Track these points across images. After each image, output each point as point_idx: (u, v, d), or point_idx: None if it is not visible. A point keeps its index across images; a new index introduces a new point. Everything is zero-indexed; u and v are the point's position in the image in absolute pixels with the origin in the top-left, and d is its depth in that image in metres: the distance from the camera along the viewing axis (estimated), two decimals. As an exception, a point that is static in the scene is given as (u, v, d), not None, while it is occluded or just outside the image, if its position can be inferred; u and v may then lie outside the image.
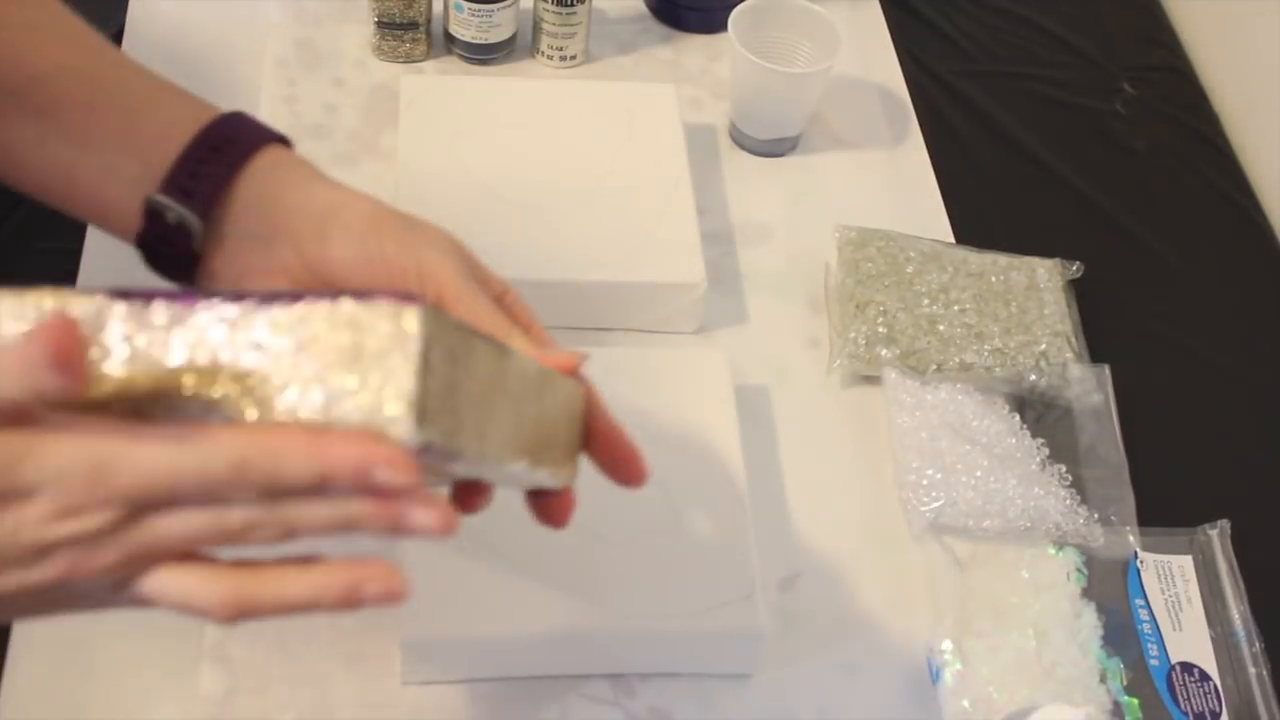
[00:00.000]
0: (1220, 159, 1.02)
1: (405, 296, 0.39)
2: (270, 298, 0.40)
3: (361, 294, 0.39)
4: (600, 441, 0.52)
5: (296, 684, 0.65)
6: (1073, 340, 0.83)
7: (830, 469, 0.78)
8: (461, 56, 0.97)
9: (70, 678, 0.64)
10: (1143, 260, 0.94)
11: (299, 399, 0.39)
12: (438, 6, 0.95)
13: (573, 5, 0.93)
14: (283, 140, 0.57)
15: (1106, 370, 0.82)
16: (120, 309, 0.40)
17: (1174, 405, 0.85)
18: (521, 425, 0.45)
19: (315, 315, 0.39)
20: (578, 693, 0.67)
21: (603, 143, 0.85)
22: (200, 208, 0.53)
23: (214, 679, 0.65)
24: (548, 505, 0.52)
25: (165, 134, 0.54)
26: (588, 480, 0.53)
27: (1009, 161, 0.99)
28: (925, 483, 0.75)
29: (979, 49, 1.07)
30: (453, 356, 0.40)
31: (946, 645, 0.69)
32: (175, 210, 0.53)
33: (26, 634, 0.65)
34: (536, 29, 0.96)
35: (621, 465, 0.53)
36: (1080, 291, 0.87)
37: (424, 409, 0.38)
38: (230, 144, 0.54)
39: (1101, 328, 0.86)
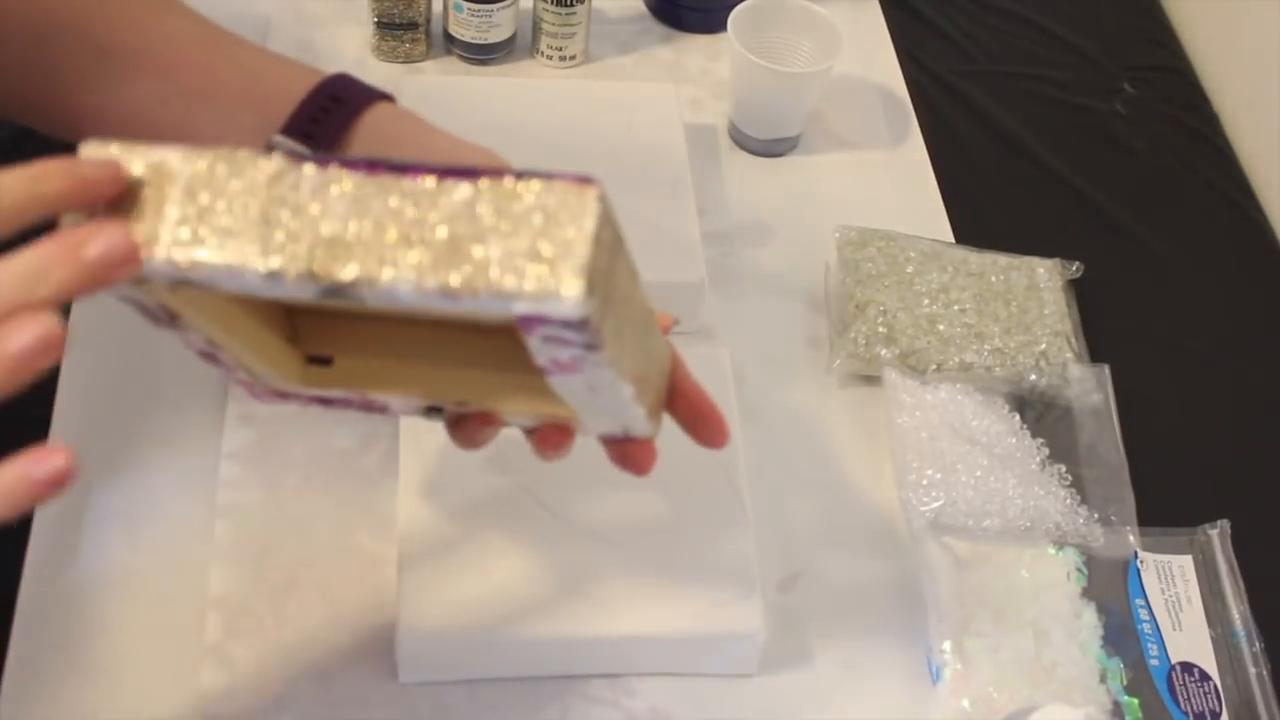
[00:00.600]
0: (1220, 159, 1.02)
1: (583, 179, 0.40)
2: (457, 171, 0.41)
3: (545, 174, 0.40)
4: (686, 400, 0.54)
5: (296, 684, 0.65)
6: (1073, 340, 0.83)
7: (830, 469, 0.78)
8: (461, 56, 0.97)
9: (70, 677, 0.64)
10: (1143, 260, 0.94)
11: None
12: (437, 6, 0.95)
13: (572, 5, 0.93)
14: (392, 99, 0.59)
15: (1106, 370, 0.82)
16: (310, 170, 0.41)
17: (1174, 405, 0.85)
18: (636, 351, 0.47)
19: (502, 187, 0.40)
20: (578, 693, 0.67)
21: (603, 143, 0.85)
22: (322, 147, 0.55)
23: (214, 679, 0.65)
24: (633, 452, 0.55)
25: (282, 89, 0.56)
26: (588, 480, 0.53)
27: (1009, 161, 0.99)
28: (925, 483, 0.75)
29: (979, 49, 1.07)
30: (611, 249, 0.41)
31: (946, 645, 0.69)
32: (297, 150, 0.55)
33: (27, 633, 0.65)
34: (536, 29, 0.96)
35: (704, 424, 0.55)
36: (1080, 291, 0.87)
37: (591, 282, 0.39)
38: (348, 94, 0.56)
39: (1101, 328, 0.86)
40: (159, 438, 0.73)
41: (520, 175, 0.40)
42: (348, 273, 0.40)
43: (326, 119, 0.56)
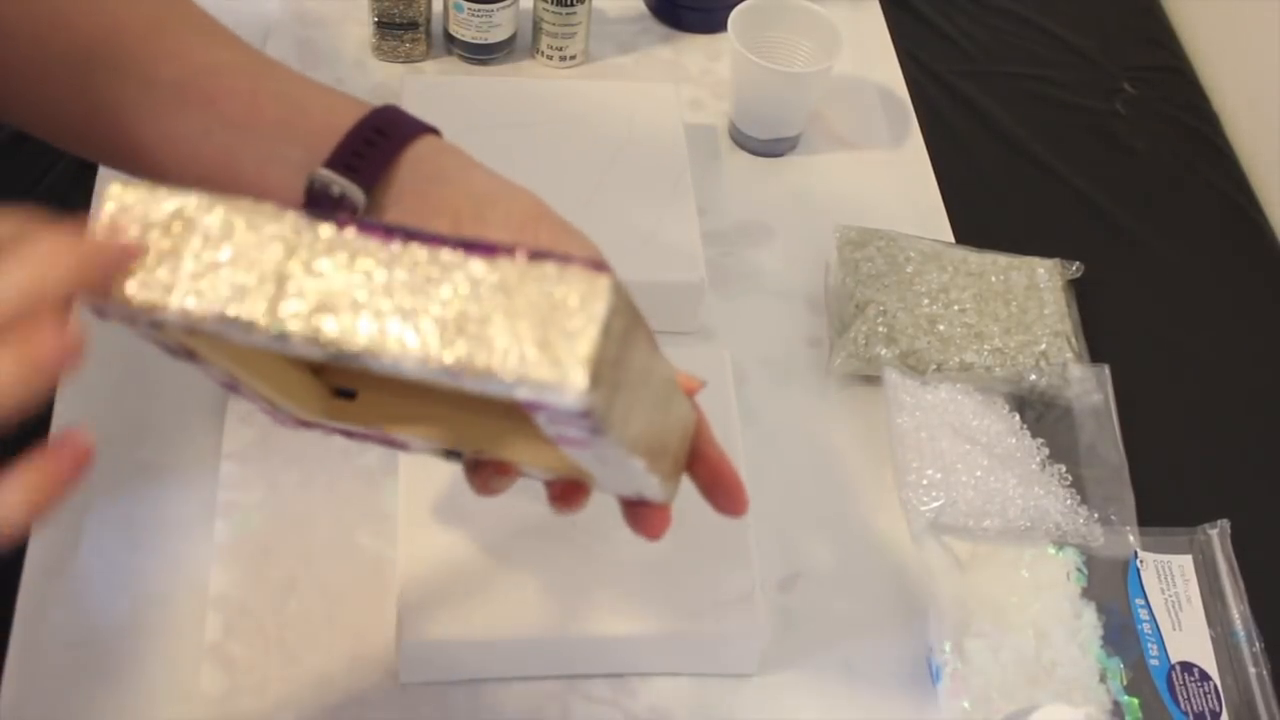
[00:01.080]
0: (1220, 159, 1.02)
1: (597, 265, 0.40)
2: (473, 245, 0.40)
3: (561, 257, 0.40)
4: (707, 466, 0.54)
5: (296, 684, 0.65)
6: (1073, 340, 0.83)
7: (830, 469, 0.78)
8: (461, 56, 0.97)
9: (71, 677, 0.64)
10: (1143, 260, 0.94)
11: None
12: (438, 6, 0.95)
13: (573, 5, 0.93)
14: (437, 133, 0.58)
15: (1106, 370, 0.82)
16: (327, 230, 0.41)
17: (1174, 405, 0.85)
18: (651, 425, 0.47)
19: (515, 267, 0.40)
20: (578, 693, 0.67)
21: (603, 143, 0.85)
22: (365, 181, 0.54)
23: (214, 679, 0.65)
24: (646, 516, 0.55)
25: (327, 122, 0.56)
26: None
27: (1009, 161, 0.99)
28: (925, 483, 0.75)
29: (979, 49, 1.07)
30: (624, 336, 0.41)
31: (946, 645, 0.69)
32: (339, 184, 0.54)
33: (28, 633, 0.65)
34: (536, 29, 0.96)
35: (723, 492, 0.55)
36: (1080, 291, 0.87)
37: (597, 374, 0.39)
38: (393, 128, 0.56)
39: (1101, 328, 0.86)
40: (159, 438, 0.73)
41: (536, 255, 0.40)
42: (352, 343, 0.40)
43: (370, 152, 0.55)
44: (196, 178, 0.57)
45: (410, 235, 0.41)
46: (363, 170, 0.55)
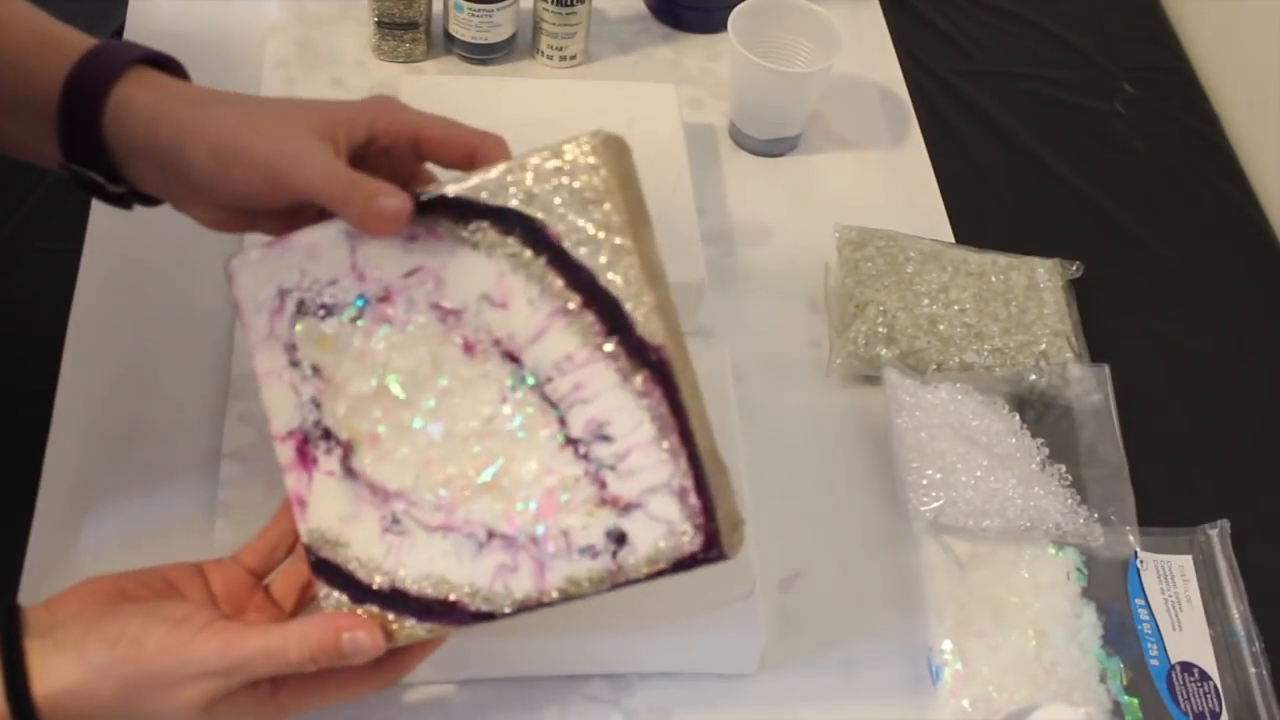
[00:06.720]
0: (1220, 159, 1.02)
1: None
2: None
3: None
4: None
5: (296, 684, 0.65)
6: (1073, 340, 0.83)
7: (830, 469, 0.78)
8: (461, 56, 0.97)
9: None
10: (1143, 260, 0.94)
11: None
12: (438, 6, 0.95)
13: (573, 5, 0.93)
14: (118, 68, 0.57)
15: (1106, 370, 0.82)
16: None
17: (1174, 405, 0.85)
18: None
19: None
20: (577, 693, 0.67)
21: (603, 143, 0.85)
22: (92, 162, 0.57)
23: (214, 679, 0.65)
24: None
25: (29, 82, 0.57)
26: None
27: (1009, 161, 0.99)
28: (925, 483, 0.75)
29: (979, 49, 1.07)
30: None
31: (946, 645, 0.69)
32: (85, 174, 0.57)
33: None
34: (536, 29, 0.96)
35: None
36: (1080, 291, 0.87)
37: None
38: (86, 92, 0.56)
39: (1101, 328, 0.86)
40: (159, 438, 0.73)
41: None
42: None
43: (79, 131, 0.56)
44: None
45: None
46: (85, 152, 0.56)
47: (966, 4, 1.10)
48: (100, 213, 0.82)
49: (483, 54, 0.96)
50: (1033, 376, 0.81)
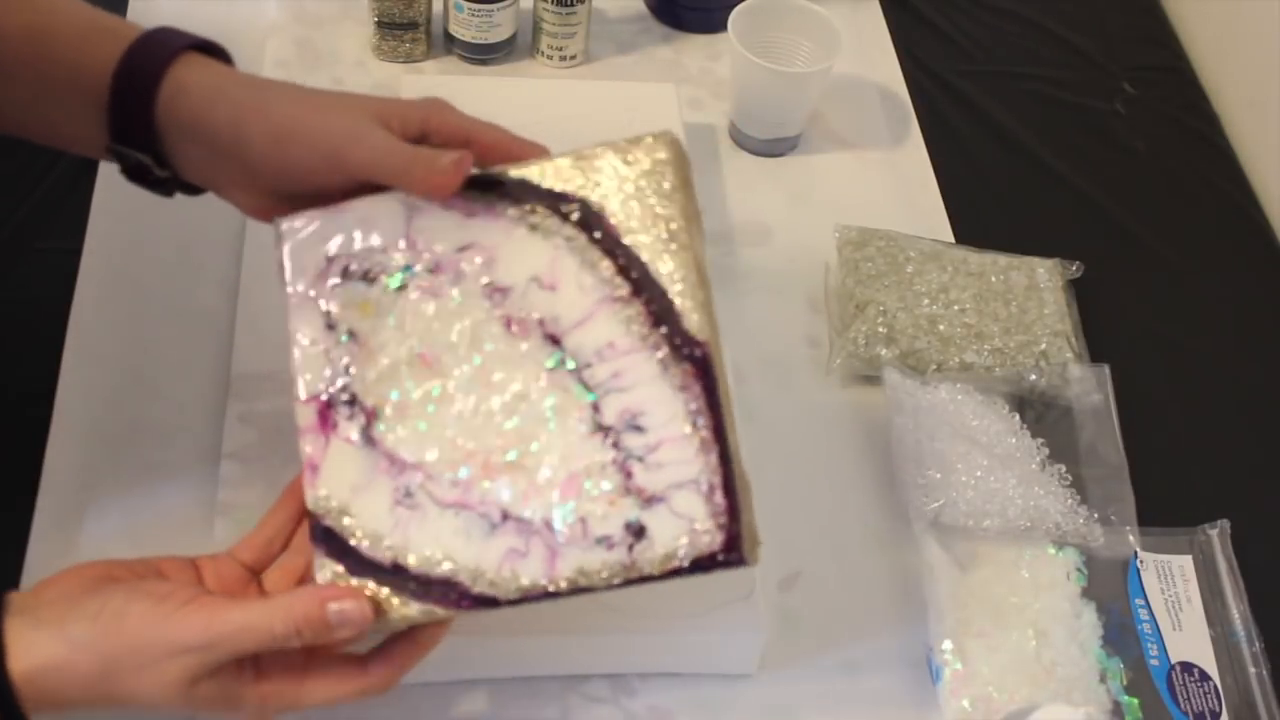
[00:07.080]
0: (1220, 159, 1.02)
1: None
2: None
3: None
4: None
5: (296, 684, 0.65)
6: (1073, 340, 0.83)
7: (830, 469, 0.78)
8: (461, 56, 0.97)
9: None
10: (1143, 260, 0.94)
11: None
12: (438, 6, 0.95)
13: (573, 5, 0.93)
14: (188, 48, 0.59)
15: (1106, 370, 0.82)
16: None
17: (1174, 405, 0.85)
18: None
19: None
20: (578, 693, 0.67)
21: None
22: (142, 146, 0.57)
23: (214, 679, 0.65)
24: None
25: (79, 62, 0.57)
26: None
27: (1009, 161, 0.99)
28: (925, 483, 0.75)
29: (979, 49, 1.07)
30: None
31: (946, 645, 0.69)
32: (132, 155, 0.58)
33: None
34: (536, 29, 0.96)
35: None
36: (1080, 291, 0.87)
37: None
38: (140, 74, 0.57)
39: (1101, 328, 0.86)
40: (159, 438, 0.73)
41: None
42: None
43: (133, 111, 0.57)
44: (33, 136, 0.61)
45: None
46: (134, 137, 0.57)
47: (966, 4, 1.10)
48: (100, 213, 0.82)
49: (483, 54, 0.96)
50: (1033, 376, 0.81)
